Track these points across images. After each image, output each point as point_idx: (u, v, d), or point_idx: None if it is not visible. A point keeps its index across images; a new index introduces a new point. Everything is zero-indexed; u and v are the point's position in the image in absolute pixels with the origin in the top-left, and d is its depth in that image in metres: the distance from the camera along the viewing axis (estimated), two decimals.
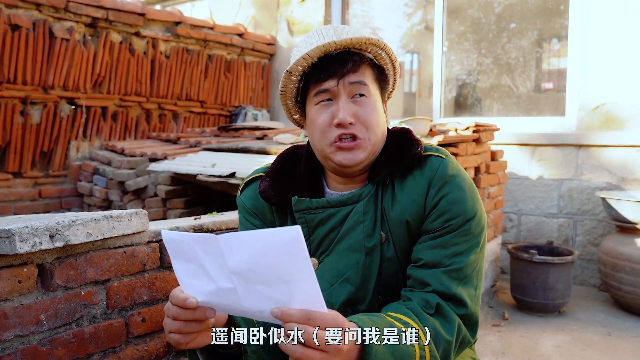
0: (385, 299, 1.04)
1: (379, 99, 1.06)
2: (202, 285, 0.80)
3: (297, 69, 1.03)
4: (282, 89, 1.07)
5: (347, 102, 1.00)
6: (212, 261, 0.77)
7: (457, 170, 1.03)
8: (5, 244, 1.01)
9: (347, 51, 1.01)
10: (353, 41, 0.99)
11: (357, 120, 1.01)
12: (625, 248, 2.90)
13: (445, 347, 0.92)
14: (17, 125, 3.57)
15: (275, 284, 0.73)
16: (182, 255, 0.81)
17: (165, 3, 6.39)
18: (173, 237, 0.81)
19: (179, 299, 0.81)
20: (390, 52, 1.06)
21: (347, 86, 1.00)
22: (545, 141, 3.63)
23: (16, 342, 1.07)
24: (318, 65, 1.01)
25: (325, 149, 1.04)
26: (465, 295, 0.96)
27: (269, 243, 0.71)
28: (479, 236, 1.01)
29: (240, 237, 0.73)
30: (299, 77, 1.05)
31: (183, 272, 0.82)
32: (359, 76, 1.01)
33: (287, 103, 1.11)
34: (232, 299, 0.78)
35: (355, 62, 1.01)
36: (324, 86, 1.01)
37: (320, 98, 1.02)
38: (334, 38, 1.00)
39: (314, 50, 0.98)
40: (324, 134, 1.02)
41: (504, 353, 2.47)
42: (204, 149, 3.34)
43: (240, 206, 1.18)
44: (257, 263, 0.73)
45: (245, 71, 5.07)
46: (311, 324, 0.72)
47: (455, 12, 4.35)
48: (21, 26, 3.47)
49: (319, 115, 1.03)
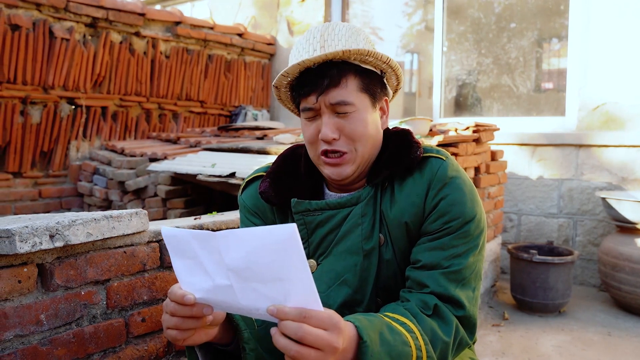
0: (383, 301, 1.04)
1: (367, 108, 1.02)
2: (200, 282, 0.80)
3: (282, 84, 1.06)
4: (278, 98, 1.12)
5: (330, 118, 0.99)
6: (209, 258, 0.77)
7: (457, 171, 1.03)
8: (5, 243, 1.01)
9: (328, 63, 0.98)
10: (329, 56, 0.96)
11: (342, 134, 1.00)
12: (625, 248, 2.90)
13: (443, 348, 0.92)
14: (17, 125, 3.57)
15: (271, 281, 0.73)
16: (181, 252, 0.82)
17: (165, 3, 6.39)
18: (173, 234, 0.82)
19: (177, 295, 0.81)
20: (379, 55, 1.00)
21: (328, 105, 0.98)
22: (545, 141, 3.63)
23: (16, 342, 1.07)
24: (301, 79, 1.01)
25: (315, 159, 1.07)
26: (463, 297, 0.96)
27: (266, 241, 0.71)
28: (478, 238, 1.01)
29: (237, 234, 0.73)
30: (288, 88, 1.07)
31: (182, 269, 0.83)
32: (340, 93, 0.98)
33: (287, 107, 1.15)
34: (229, 296, 0.78)
35: (333, 76, 0.97)
36: (306, 103, 1.01)
37: (306, 114, 1.03)
38: (317, 48, 0.99)
39: (292, 68, 0.99)
40: (312, 145, 1.04)
41: (504, 353, 2.47)
42: (204, 148, 3.34)
43: (241, 205, 1.18)
44: (253, 260, 0.73)
45: (245, 71, 5.07)
46: (306, 322, 0.72)
47: (455, 12, 4.35)
48: (21, 26, 3.47)
49: (306, 128, 1.04)
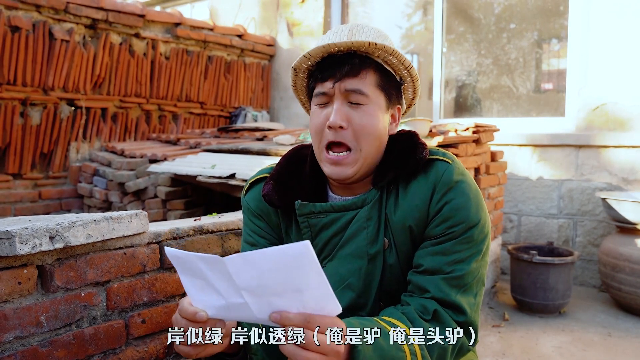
0: (386, 305, 1.02)
1: (381, 106, 1.01)
2: (211, 300, 0.79)
3: (301, 67, 1.04)
4: (293, 84, 1.09)
5: (342, 106, 0.98)
6: (220, 280, 0.75)
7: (462, 176, 1.01)
8: (5, 245, 1.01)
9: (351, 53, 0.99)
10: (355, 44, 0.96)
11: (349, 125, 0.98)
12: (625, 248, 2.90)
13: (440, 353, 0.91)
14: (17, 126, 3.57)
15: (288, 294, 0.73)
16: (189, 270, 0.80)
17: (165, 4, 6.39)
18: (177, 255, 0.79)
19: (189, 313, 0.80)
20: (402, 58, 1.01)
21: (343, 91, 0.98)
22: (545, 142, 3.63)
23: (16, 344, 1.07)
24: (321, 65, 1.01)
25: (319, 153, 1.04)
26: (464, 303, 0.95)
27: (279, 261, 0.70)
28: (482, 244, 0.99)
29: (247, 258, 0.71)
30: (306, 74, 1.06)
31: (191, 286, 0.81)
32: (357, 82, 0.98)
33: (300, 97, 1.13)
34: (244, 312, 0.77)
35: (354, 65, 0.97)
36: (321, 88, 1.00)
37: (318, 99, 1.02)
38: (343, 38, 0.98)
39: (315, 50, 0.99)
40: (318, 135, 1.02)
41: (504, 354, 2.47)
42: (204, 150, 3.33)
43: (244, 207, 1.17)
44: (267, 279, 0.72)
45: (245, 72, 5.07)
46: (310, 327, 0.72)
47: (455, 12, 4.35)
48: (21, 28, 3.47)
49: (315, 115, 1.03)
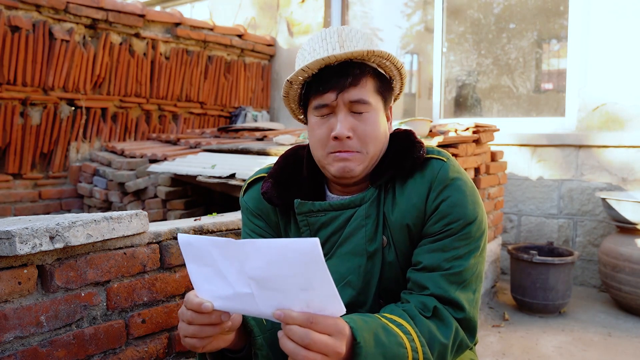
0: (386, 302, 1.03)
1: (380, 110, 1.04)
2: (218, 290, 0.79)
3: (297, 79, 1.03)
4: (285, 95, 1.08)
5: (346, 116, 0.99)
6: (229, 265, 0.76)
7: (458, 173, 1.02)
8: (5, 245, 1.01)
9: (348, 62, 0.99)
10: (354, 54, 0.97)
11: (355, 134, 1.00)
12: (625, 248, 2.90)
13: (441, 350, 0.91)
14: (17, 126, 3.57)
15: (294, 291, 0.73)
16: (199, 259, 0.80)
17: (165, 4, 6.39)
18: (190, 241, 0.80)
19: (194, 304, 0.80)
20: (395, 60, 1.03)
21: (347, 102, 0.99)
22: (545, 142, 3.63)
23: (16, 344, 1.07)
24: (318, 75, 1.00)
25: (322, 159, 1.04)
26: (463, 300, 0.96)
27: (286, 253, 0.70)
28: (479, 240, 1.00)
29: (255, 245, 0.72)
30: (301, 86, 1.05)
31: (198, 275, 0.81)
32: (360, 92, 0.99)
33: (290, 106, 1.12)
34: (248, 304, 0.77)
35: (355, 75, 0.98)
36: (323, 100, 1.00)
37: (320, 111, 1.02)
38: (336, 47, 0.99)
39: (314, 63, 0.98)
40: (322, 145, 1.02)
41: (504, 354, 2.47)
42: (204, 150, 3.34)
43: (243, 207, 1.17)
44: (274, 271, 0.72)
45: (245, 72, 5.07)
46: (313, 327, 0.72)
47: (455, 12, 4.35)
48: (21, 27, 3.47)
49: (317, 127, 1.03)
